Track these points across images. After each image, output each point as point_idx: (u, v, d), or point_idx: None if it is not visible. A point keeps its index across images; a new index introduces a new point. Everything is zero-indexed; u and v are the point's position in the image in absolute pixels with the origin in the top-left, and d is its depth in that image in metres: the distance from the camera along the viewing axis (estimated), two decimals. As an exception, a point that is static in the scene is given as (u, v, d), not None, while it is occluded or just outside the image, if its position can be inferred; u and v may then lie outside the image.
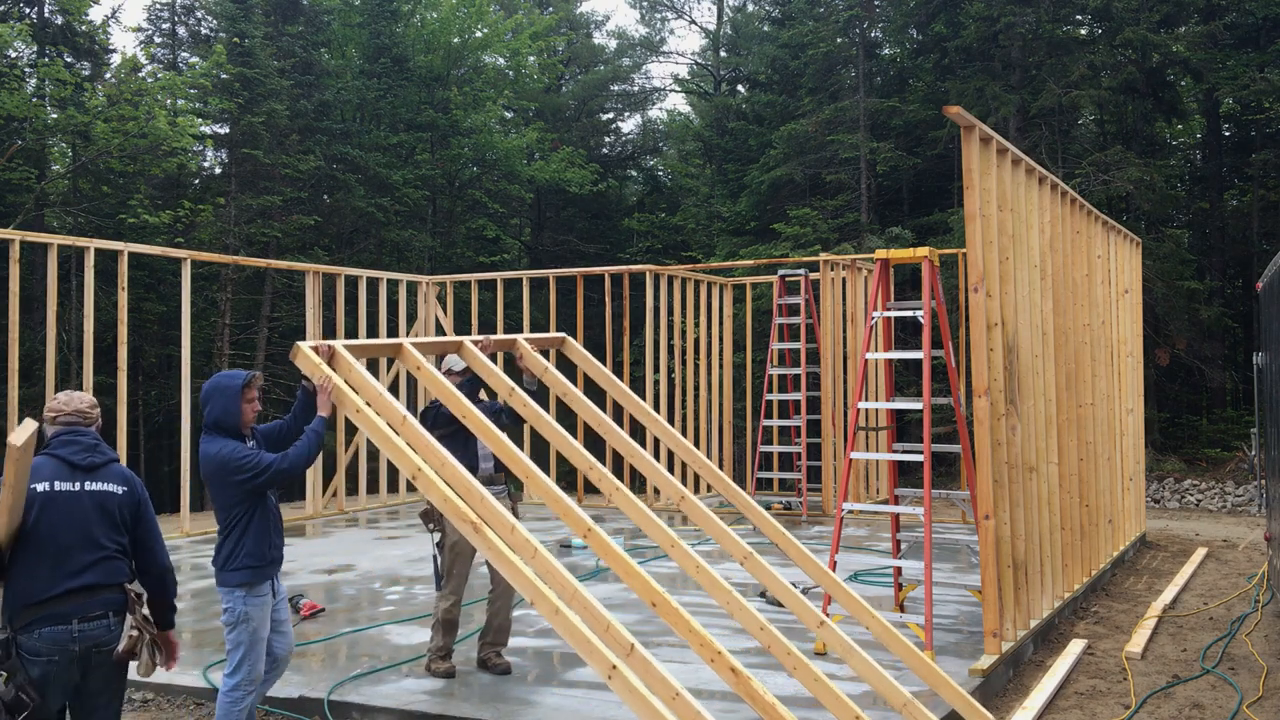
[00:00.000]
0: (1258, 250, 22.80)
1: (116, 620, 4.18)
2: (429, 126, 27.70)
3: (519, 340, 6.18)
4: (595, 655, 4.15)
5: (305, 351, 5.13)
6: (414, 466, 4.71)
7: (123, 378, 12.05)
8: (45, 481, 4.14)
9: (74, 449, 4.24)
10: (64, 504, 4.12)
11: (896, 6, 25.92)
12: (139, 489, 4.38)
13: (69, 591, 4.04)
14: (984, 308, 6.65)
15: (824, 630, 5.11)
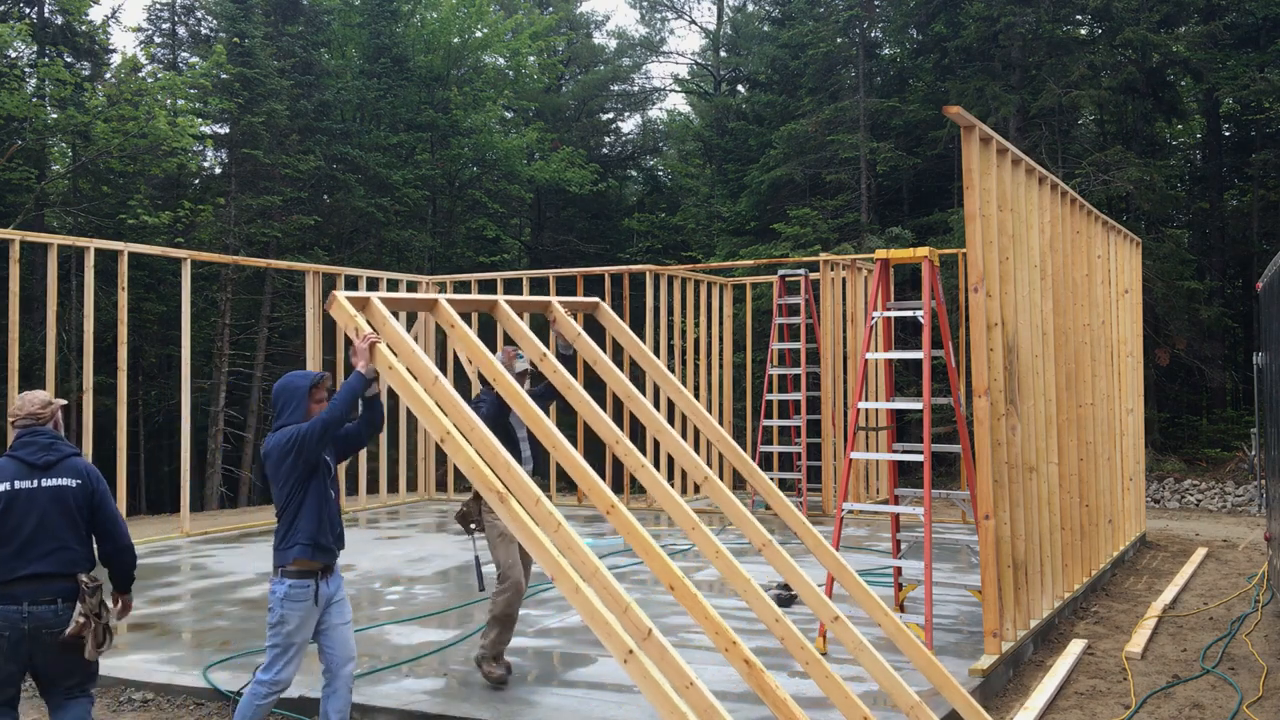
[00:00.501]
0: (1258, 250, 22.80)
1: (65, 606, 4.52)
2: (429, 126, 27.70)
3: (553, 303, 5.96)
4: (613, 638, 4.08)
5: (341, 302, 4.94)
6: (443, 429, 4.59)
7: (123, 378, 12.05)
8: (6, 481, 4.57)
9: (31, 449, 4.64)
10: (24, 500, 4.53)
11: (896, 6, 25.91)
12: (94, 480, 4.72)
13: (22, 577, 4.46)
14: (984, 308, 6.65)
15: (838, 625, 5.07)
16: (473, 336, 5.22)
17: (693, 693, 4.04)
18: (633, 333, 6.37)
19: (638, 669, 4.02)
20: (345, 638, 5.03)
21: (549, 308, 5.94)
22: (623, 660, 4.07)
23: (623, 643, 4.07)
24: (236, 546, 11.67)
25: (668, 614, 8.00)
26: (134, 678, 6.41)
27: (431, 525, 13.41)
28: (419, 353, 4.93)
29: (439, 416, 4.65)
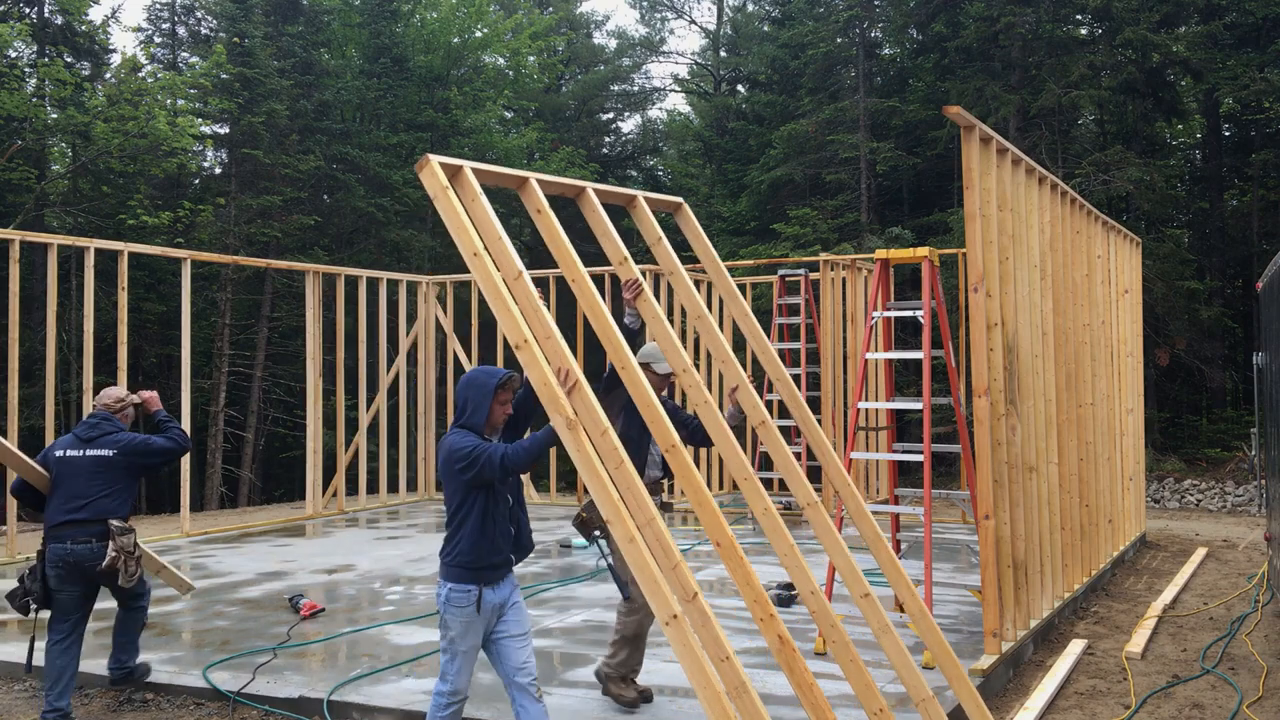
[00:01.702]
0: (1258, 250, 22.80)
1: (99, 545, 5.85)
2: (429, 126, 27.70)
3: (638, 197, 5.48)
4: (659, 597, 3.96)
5: (434, 166, 4.49)
6: (520, 334, 4.29)
7: (123, 378, 12.04)
8: (60, 450, 6.08)
9: (84, 428, 6.16)
10: (70, 465, 6.00)
11: (896, 6, 25.91)
12: (128, 448, 6.06)
13: (65, 522, 5.87)
14: (984, 308, 6.65)
15: (867, 602, 5.05)
16: (559, 227, 4.78)
17: (728, 666, 3.99)
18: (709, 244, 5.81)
19: (678, 634, 3.92)
20: (513, 649, 4.65)
21: (633, 201, 5.48)
22: (664, 622, 3.95)
23: (668, 604, 3.94)
24: (236, 546, 11.67)
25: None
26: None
27: (431, 525, 13.41)
28: (505, 241, 4.51)
29: (517, 319, 4.30)
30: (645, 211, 5.49)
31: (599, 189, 5.28)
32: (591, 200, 5.20)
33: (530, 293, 4.42)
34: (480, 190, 4.59)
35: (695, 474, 4.52)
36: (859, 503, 5.45)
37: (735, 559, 4.42)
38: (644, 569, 3.98)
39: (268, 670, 6.48)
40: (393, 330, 16.36)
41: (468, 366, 16.10)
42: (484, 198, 4.59)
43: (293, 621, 7.78)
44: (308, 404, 14.29)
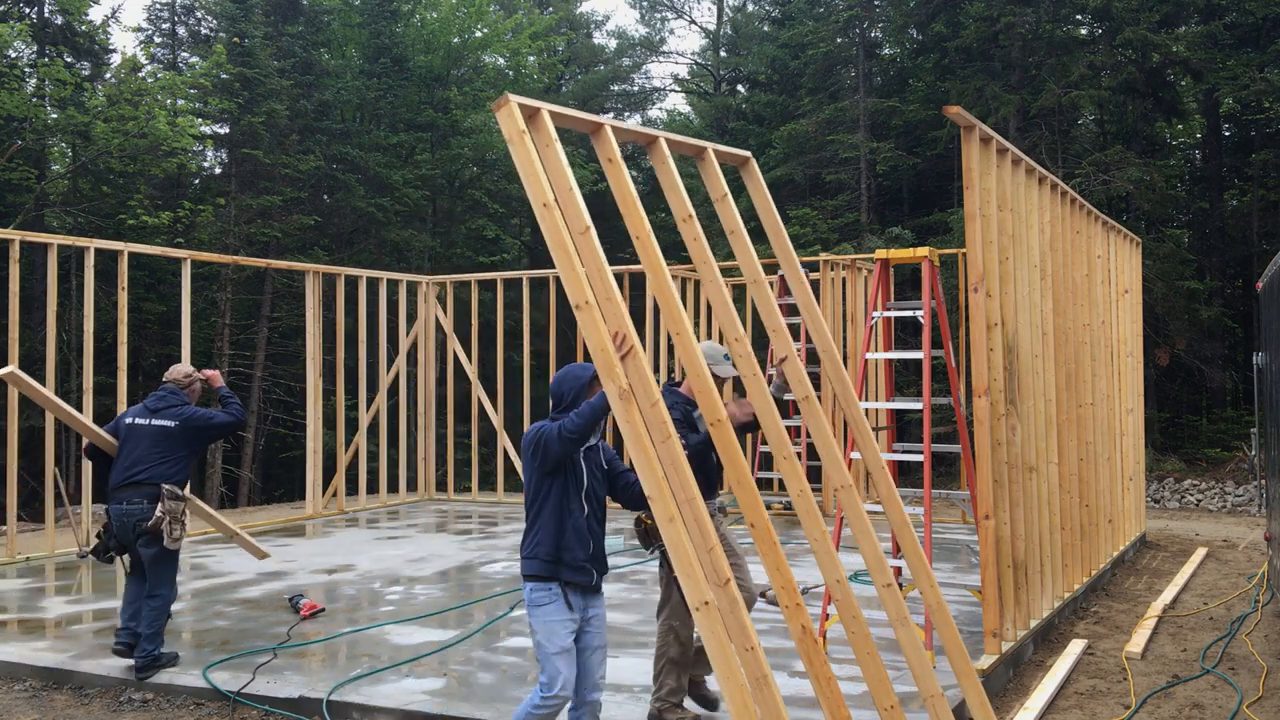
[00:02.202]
0: (1258, 250, 22.81)
1: (149, 506, 6.47)
2: (429, 126, 27.69)
3: (708, 149, 5.27)
4: (692, 580, 3.92)
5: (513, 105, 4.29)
6: (582, 294, 4.14)
7: (123, 378, 12.05)
8: (130, 417, 6.83)
9: (153, 400, 6.92)
10: (136, 431, 6.72)
11: (896, 6, 25.92)
12: (189, 420, 6.79)
13: (124, 484, 6.55)
14: (984, 308, 6.65)
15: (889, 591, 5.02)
16: (629, 179, 4.59)
17: (752, 656, 3.97)
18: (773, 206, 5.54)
19: (708, 621, 3.88)
20: (594, 664, 4.54)
21: (703, 153, 5.30)
22: (695, 607, 3.91)
23: (700, 589, 3.89)
24: (236, 547, 11.65)
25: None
26: (134, 678, 6.41)
27: (431, 525, 13.41)
28: (576, 192, 4.33)
29: (581, 278, 4.13)
30: (713, 164, 5.28)
31: (670, 138, 5.07)
32: (663, 150, 4.97)
33: (596, 249, 4.25)
34: (555, 135, 4.39)
35: (740, 451, 4.42)
36: (890, 488, 5.42)
37: (769, 542, 4.36)
38: (680, 550, 3.90)
39: (268, 670, 6.48)
40: (393, 330, 16.37)
41: (468, 366, 16.10)
42: (558, 144, 4.37)
43: (293, 621, 7.78)
44: (308, 404, 14.29)
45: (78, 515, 11.15)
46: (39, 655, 6.88)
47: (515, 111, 4.28)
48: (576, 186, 4.34)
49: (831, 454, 5.14)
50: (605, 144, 4.65)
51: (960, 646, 5.34)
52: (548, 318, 16.15)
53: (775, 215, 5.54)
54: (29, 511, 15.76)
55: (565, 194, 4.29)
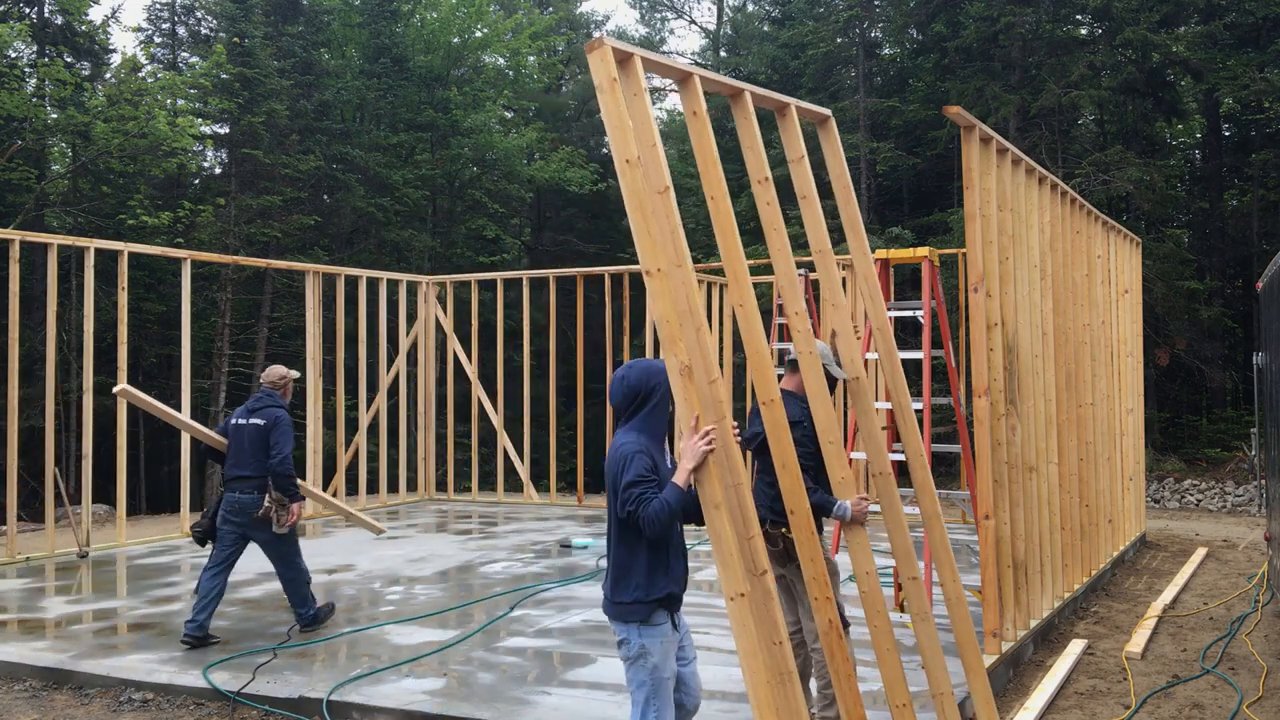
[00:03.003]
0: (1258, 250, 22.81)
1: (258, 495, 7.25)
2: (429, 126, 27.69)
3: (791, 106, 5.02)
4: (731, 572, 3.81)
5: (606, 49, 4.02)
6: (654, 260, 3.96)
7: (123, 378, 12.02)
8: (234, 418, 7.55)
9: (252, 400, 7.61)
10: (238, 430, 7.44)
11: (896, 6, 25.92)
12: (273, 423, 7.36)
13: (235, 477, 7.33)
14: (984, 308, 6.65)
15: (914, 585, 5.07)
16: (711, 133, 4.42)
17: (779, 650, 3.94)
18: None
19: (739, 613, 3.81)
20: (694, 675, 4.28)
21: (785, 110, 5.08)
22: (730, 598, 3.83)
23: (738, 580, 3.79)
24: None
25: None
26: (134, 678, 6.41)
27: (431, 525, 13.41)
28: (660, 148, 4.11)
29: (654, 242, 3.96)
30: (794, 122, 5.05)
31: (755, 92, 4.84)
32: (747, 105, 4.74)
33: (674, 210, 4.07)
34: (645, 85, 4.17)
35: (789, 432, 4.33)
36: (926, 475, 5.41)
37: (807, 531, 4.33)
38: (721, 538, 3.81)
39: (268, 670, 6.48)
40: (393, 330, 16.36)
41: (468, 367, 16.09)
42: (647, 94, 4.17)
43: (293, 621, 7.78)
44: (308, 404, 14.29)
45: (78, 515, 11.15)
46: (39, 655, 6.88)
47: (609, 56, 4.02)
48: (660, 142, 4.17)
49: (874, 439, 5.05)
50: (693, 95, 4.44)
51: (973, 642, 5.35)
52: (548, 318, 16.15)
53: (848, 180, 5.34)
54: (29, 511, 15.75)
55: (649, 150, 4.09)
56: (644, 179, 4.03)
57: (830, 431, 4.73)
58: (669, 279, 3.99)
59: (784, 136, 5.11)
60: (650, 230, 3.97)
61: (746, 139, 4.75)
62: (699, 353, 4.00)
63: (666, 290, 3.96)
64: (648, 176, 4.06)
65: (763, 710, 3.89)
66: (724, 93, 4.81)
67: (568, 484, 21.04)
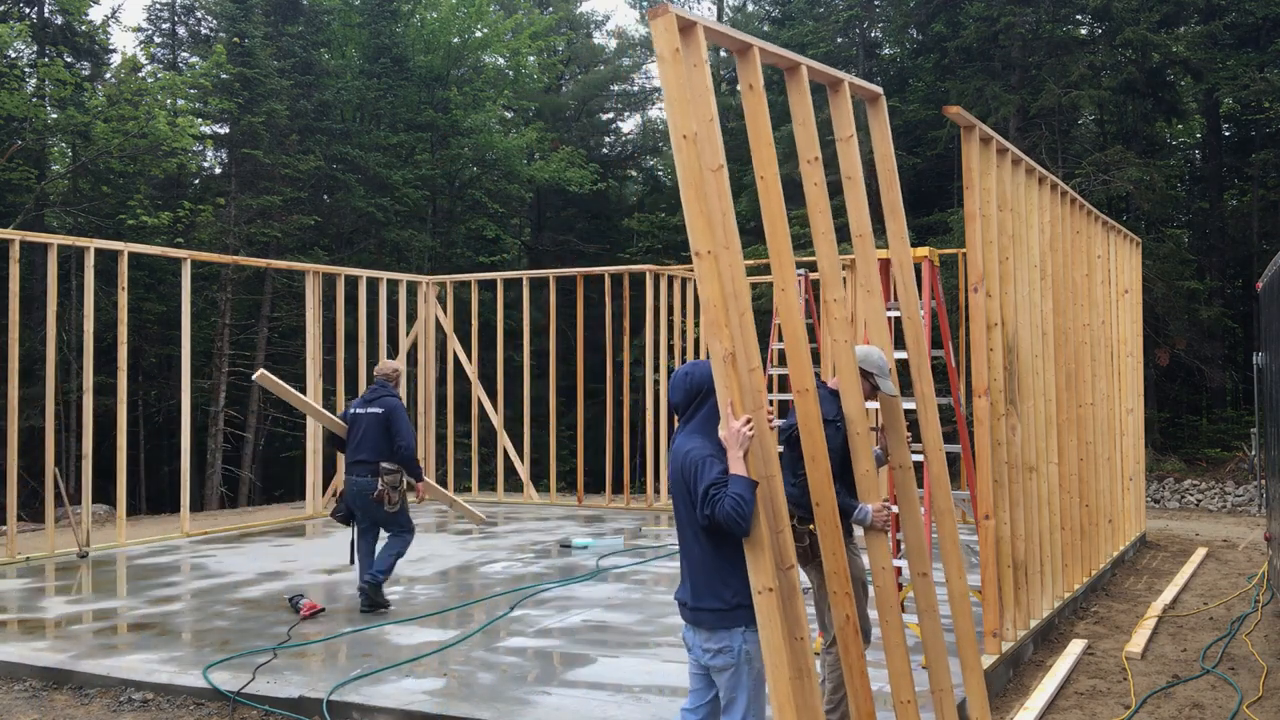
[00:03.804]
0: (1258, 250, 22.81)
1: (373, 479, 8.03)
2: (429, 126, 27.69)
3: (845, 82, 4.98)
4: (760, 566, 3.77)
5: (672, 18, 3.89)
6: (705, 242, 3.85)
7: (123, 378, 12.05)
8: (353, 408, 8.30)
9: (369, 391, 8.35)
10: (358, 418, 8.21)
11: (896, 6, 25.92)
12: (390, 410, 8.13)
13: (354, 461, 8.13)
14: (984, 308, 6.65)
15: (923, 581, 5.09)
16: (766, 108, 4.35)
17: (800, 646, 3.96)
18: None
19: (768, 606, 3.79)
20: None
21: (838, 86, 5.02)
22: (757, 591, 3.80)
23: (767, 574, 3.76)
24: (236, 546, 11.67)
25: (668, 614, 7.99)
26: (134, 678, 6.41)
27: (431, 525, 13.40)
28: (716, 123, 4.04)
29: (707, 222, 3.89)
30: (846, 98, 4.96)
31: (812, 66, 4.74)
32: (802, 79, 4.65)
33: (726, 189, 3.98)
34: (706, 55, 4.07)
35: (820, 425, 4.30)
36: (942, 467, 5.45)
37: (831, 524, 4.31)
38: (754, 528, 3.77)
39: (268, 670, 6.48)
40: (393, 330, 16.36)
41: (468, 367, 16.09)
42: (707, 65, 4.06)
43: (293, 621, 7.78)
44: (308, 404, 14.28)
45: (78, 515, 11.15)
46: (39, 655, 6.88)
47: (672, 24, 3.89)
48: (717, 116, 4.08)
49: (897, 430, 5.01)
50: (751, 67, 4.31)
51: (973, 640, 5.37)
52: (548, 318, 16.15)
53: (893, 164, 5.23)
54: (29, 511, 15.75)
55: (706, 125, 3.99)
56: (700, 156, 3.93)
57: (859, 422, 4.66)
58: (718, 261, 3.90)
59: (834, 113, 4.99)
60: (704, 209, 3.88)
61: (799, 114, 4.66)
62: (742, 340, 3.94)
63: (715, 273, 3.87)
64: (704, 153, 3.96)
65: (782, 705, 3.87)
66: (781, 65, 4.67)
67: (568, 484, 21.04)
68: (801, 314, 4.41)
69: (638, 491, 16.39)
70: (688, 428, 3.99)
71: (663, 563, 10.38)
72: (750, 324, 4.02)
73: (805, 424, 4.31)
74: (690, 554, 3.96)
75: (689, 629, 3.99)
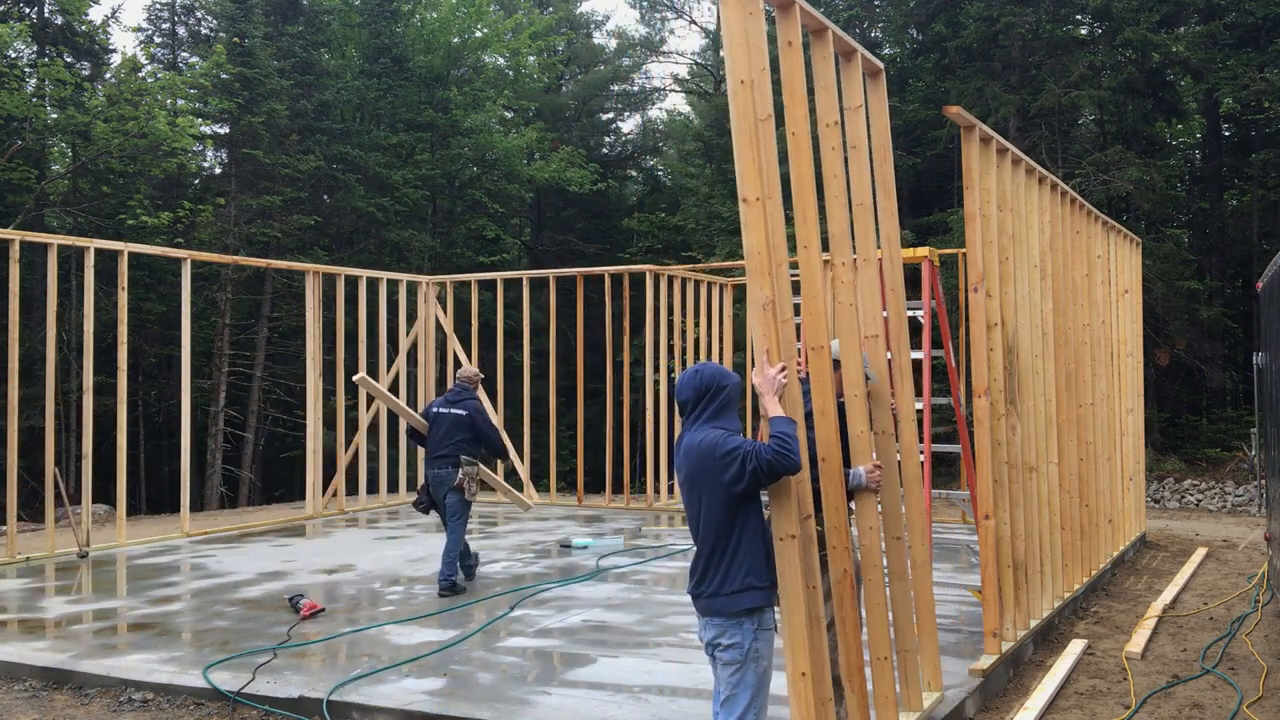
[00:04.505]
0: (1258, 250, 22.80)
1: (453, 470, 8.99)
2: (429, 126, 27.69)
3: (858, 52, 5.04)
4: (785, 513, 3.99)
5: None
6: (755, 189, 4.01)
7: (123, 378, 12.05)
8: (436, 406, 9.25)
9: (451, 394, 9.34)
10: (440, 417, 9.16)
11: (896, 6, 25.90)
12: (474, 413, 9.16)
13: (437, 456, 9.07)
14: (984, 308, 6.65)
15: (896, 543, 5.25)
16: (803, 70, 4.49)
17: (813, 594, 4.15)
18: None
19: (789, 552, 3.99)
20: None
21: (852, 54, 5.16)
22: (779, 538, 3.99)
23: (792, 521, 3.98)
24: (236, 546, 11.67)
25: (668, 614, 7.99)
26: (134, 678, 6.41)
27: (431, 525, 13.40)
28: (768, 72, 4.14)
29: (758, 169, 4.00)
30: (858, 68, 5.15)
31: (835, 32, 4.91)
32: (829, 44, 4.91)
33: (773, 139, 4.14)
34: (761, 6, 4.23)
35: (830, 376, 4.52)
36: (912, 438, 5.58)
37: (835, 479, 4.54)
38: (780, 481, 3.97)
39: (268, 670, 6.48)
40: (393, 330, 16.36)
41: (468, 366, 16.07)
42: (763, 16, 4.23)
43: (293, 621, 7.78)
44: (308, 404, 14.29)
45: (78, 515, 11.15)
46: (39, 655, 6.88)
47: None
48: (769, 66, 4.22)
49: (881, 397, 5.19)
50: (791, 24, 4.48)
51: (930, 605, 5.61)
52: (548, 318, 16.15)
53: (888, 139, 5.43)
54: (29, 511, 15.75)
55: (759, 73, 4.13)
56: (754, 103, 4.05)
57: (856, 385, 4.89)
58: (763, 209, 4.03)
59: (845, 83, 5.14)
60: (755, 156, 4.00)
61: (823, 78, 4.84)
62: (778, 291, 4.10)
63: (760, 221, 4.01)
64: (756, 100, 4.08)
65: (796, 650, 4.04)
66: (811, 26, 4.84)
67: (568, 484, 21.03)
68: (821, 277, 4.64)
69: (638, 491, 16.38)
70: (697, 424, 4.02)
71: (663, 563, 10.38)
72: (785, 277, 4.16)
73: (817, 380, 4.49)
74: (705, 541, 3.98)
75: (701, 621, 4.02)
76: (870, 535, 4.90)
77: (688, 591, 4.12)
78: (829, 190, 4.86)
